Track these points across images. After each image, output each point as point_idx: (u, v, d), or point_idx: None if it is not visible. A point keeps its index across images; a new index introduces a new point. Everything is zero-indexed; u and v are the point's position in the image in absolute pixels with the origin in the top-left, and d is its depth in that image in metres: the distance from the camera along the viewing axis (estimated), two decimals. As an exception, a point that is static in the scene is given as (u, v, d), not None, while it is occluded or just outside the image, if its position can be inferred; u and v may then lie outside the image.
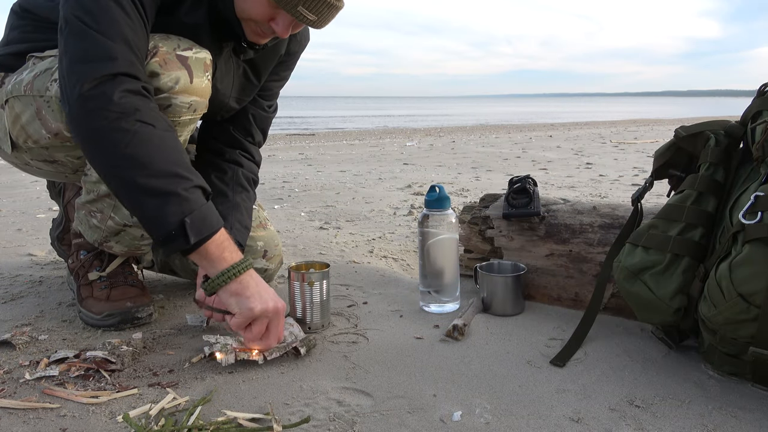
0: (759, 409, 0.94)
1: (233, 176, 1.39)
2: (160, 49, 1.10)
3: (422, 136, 10.19)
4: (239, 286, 1.05)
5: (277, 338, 1.10)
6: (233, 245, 1.08)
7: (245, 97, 1.38)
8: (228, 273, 1.04)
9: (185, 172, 1.03)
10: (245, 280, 1.05)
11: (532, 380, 1.05)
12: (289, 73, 1.48)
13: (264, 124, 1.48)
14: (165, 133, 1.03)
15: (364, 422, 0.91)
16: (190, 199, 1.01)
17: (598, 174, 4.25)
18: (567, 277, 1.41)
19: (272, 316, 1.07)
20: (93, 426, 0.90)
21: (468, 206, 1.64)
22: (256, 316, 1.05)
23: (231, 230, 1.28)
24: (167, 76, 1.09)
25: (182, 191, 1.01)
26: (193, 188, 1.03)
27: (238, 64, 1.31)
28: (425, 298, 1.40)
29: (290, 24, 1.13)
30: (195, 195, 1.03)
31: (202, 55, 1.15)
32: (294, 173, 4.30)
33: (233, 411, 0.93)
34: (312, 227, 2.37)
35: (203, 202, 1.04)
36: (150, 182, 1.00)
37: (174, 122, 1.13)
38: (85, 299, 1.30)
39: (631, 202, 1.30)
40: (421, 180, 3.89)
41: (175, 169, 1.02)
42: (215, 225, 1.04)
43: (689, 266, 1.05)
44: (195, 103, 1.15)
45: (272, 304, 1.06)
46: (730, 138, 1.15)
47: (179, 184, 1.01)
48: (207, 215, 1.03)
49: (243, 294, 1.04)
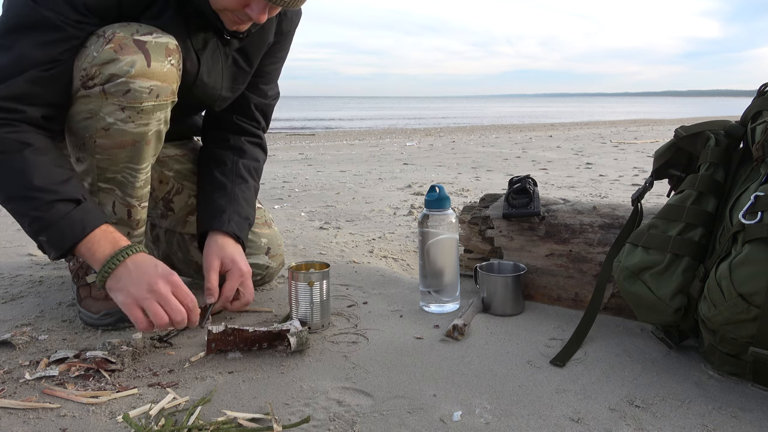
0: (759, 409, 0.94)
1: (233, 167, 1.41)
2: (117, 35, 1.10)
3: (422, 136, 10.19)
4: (113, 281, 1.08)
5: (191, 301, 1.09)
6: (107, 243, 1.09)
7: (239, 85, 1.39)
8: (100, 275, 1.08)
9: (34, 192, 1.06)
10: (118, 273, 1.07)
11: (532, 380, 1.05)
12: (285, 54, 1.48)
13: (267, 110, 1.50)
14: (12, 156, 1.06)
15: (364, 422, 0.91)
16: (43, 218, 1.06)
17: (598, 174, 4.26)
18: (567, 277, 1.41)
19: (159, 297, 1.06)
20: (93, 426, 0.90)
21: (468, 206, 1.64)
22: (134, 305, 1.06)
23: (228, 223, 1.32)
24: (122, 60, 1.09)
25: (31, 212, 1.07)
26: (48, 204, 1.06)
27: (227, 55, 1.31)
28: (425, 298, 1.40)
29: (265, 8, 1.13)
30: (50, 212, 1.06)
31: (163, 40, 1.13)
32: (294, 173, 4.30)
33: (233, 411, 0.93)
34: (312, 227, 2.37)
35: (61, 215, 1.07)
36: (7, 207, 1.10)
37: (136, 109, 1.13)
38: (84, 299, 1.30)
39: (631, 202, 1.30)
40: (421, 180, 3.89)
41: (21, 193, 1.07)
42: (78, 234, 1.07)
43: (689, 266, 1.05)
44: (156, 88, 1.13)
45: (145, 287, 1.06)
46: (730, 138, 1.15)
47: (27, 205, 1.07)
48: (66, 228, 1.07)
49: (115, 288, 1.08)
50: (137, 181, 1.24)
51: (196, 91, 1.27)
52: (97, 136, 1.15)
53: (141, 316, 1.06)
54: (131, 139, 1.17)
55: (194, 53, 1.23)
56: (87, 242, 1.08)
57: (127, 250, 1.09)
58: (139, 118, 1.14)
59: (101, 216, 1.12)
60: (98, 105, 1.12)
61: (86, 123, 1.15)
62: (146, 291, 1.06)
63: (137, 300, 1.06)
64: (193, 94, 1.26)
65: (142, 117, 1.14)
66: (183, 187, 1.47)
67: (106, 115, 1.13)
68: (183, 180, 1.47)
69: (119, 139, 1.16)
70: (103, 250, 1.08)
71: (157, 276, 1.07)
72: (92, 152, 1.18)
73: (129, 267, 1.08)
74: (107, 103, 1.12)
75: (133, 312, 1.06)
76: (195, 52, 1.23)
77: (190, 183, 1.47)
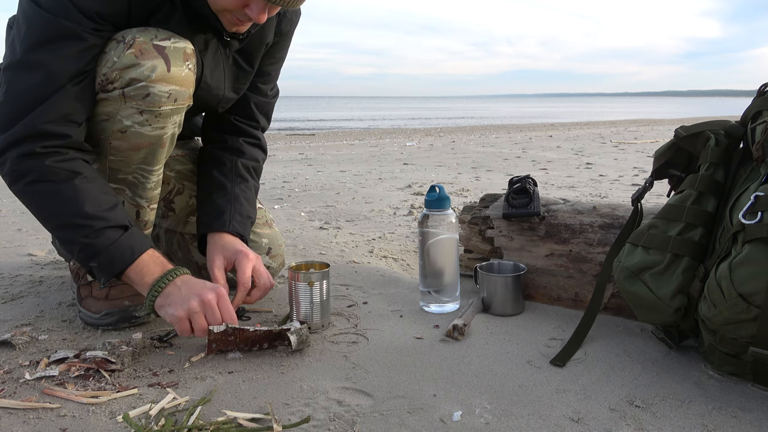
0: (759, 409, 0.94)
1: (232, 167, 1.41)
2: (137, 40, 1.10)
3: (422, 136, 10.19)
4: (163, 299, 1.12)
5: (230, 317, 1.13)
6: (156, 266, 1.13)
7: (241, 86, 1.39)
8: (150, 295, 1.12)
9: (85, 220, 1.10)
10: (168, 291, 1.12)
11: (532, 380, 1.05)
12: (285, 53, 1.48)
13: (267, 109, 1.50)
14: (63, 185, 1.09)
15: (364, 422, 0.91)
16: (94, 245, 1.10)
17: (598, 174, 4.25)
18: (567, 277, 1.41)
19: (206, 308, 1.10)
20: (93, 426, 0.90)
21: (468, 206, 1.64)
22: (184, 317, 1.09)
23: (230, 223, 1.32)
24: (144, 65, 1.10)
25: (82, 239, 1.10)
26: (98, 231, 1.10)
27: (228, 56, 1.31)
28: (425, 298, 1.40)
29: (265, 8, 1.13)
30: (99, 239, 1.10)
31: (181, 45, 1.15)
32: (294, 173, 4.30)
33: (233, 411, 0.93)
34: (312, 227, 2.37)
35: (111, 242, 1.11)
36: (57, 234, 1.15)
37: (155, 113, 1.14)
38: (84, 299, 1.30)
39: (631, 202, 1.30)
40: (421, 180, 3.89)
41: (72, 220, 1.10)
42: (127, 260, 1.12)
43: (689, 266, 1.05)
44: (175, 93, 1.15)
45: (196, 300, 1.10)
46: (730, 138, 1.15)
47: (78, 233, 1.10)
48: (116, 254, 1.11)
49: (165, 304, 1.11)
50: (149, 183, 1.25)
51: (200, 92, 1.27)
52: (113, 137, 1.17)
53: (188, 328, 1.11)
54: (147, 142, 1.18)
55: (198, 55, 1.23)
56: (135, 267, 1.13)
57: (175, 271, 1.14)
58: (157, 121, 1.16)
59: (147, 241, 1.16)
60: (116, 108, 1.13)
61: (103, 125, 1.16)
62: (197, 303, 1.10)
63: (189, 312, 1.10)
64: (197, 96, 1.27)
65: (160, 120, 1.16)
66: (184, 187, 1.47)
67: (124, 117, 1.14)
68: (184, 180, 1.47)
69: (135, 142, 1.17)
70: (152, 273, 1.13)
71: (206, 288, 1.12)
72: (106, 153, 1.19)
73: (178, 285, 1.12)
74: (126, 106, 1.13)
75: (183, 324, 1.10)
76: (198, 54, 1.23)
77: (190, 183, 1.48)
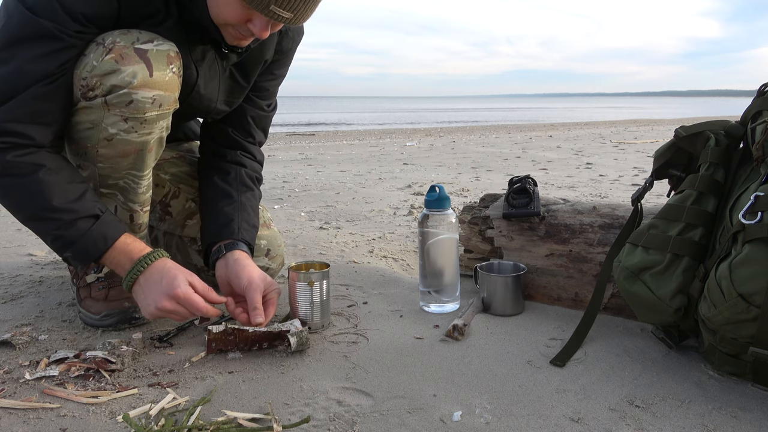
0: (759, 409, 0.94)
1: (236, 176, 1.40)
2: (117, 44, 1.08)
3: (422, 136, 10.18)
4: (135, 296, 1.14)
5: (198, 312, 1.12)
6: (126, 256, 1.13)
7: (235, 100, 1.38)
8: (125, 284, 1.13)
9: (54, 213, 1.10)
10: (134, 290, 1.13)
11: (532, 380, 1.05)
12: (285, 71, 1.47)
13: (264, 123, 1.48)
14: (27, 179, 1.08)
15: (364, 422, 0.91)
16: (65, 236, 1.11)
17: (598, 174, 4.26)
18: (567, 277, 1.41)
19: (167, 313, 1.11)
20: (93, 426, 0.90)
21: (468, 206, 1.64)
22: (158, 316, 1.11)
23: (239, 231, 1.30)
24: (124, 71, 1.07)
25: (54, 231, 1.11)
26: (68, 224, 1.10)
27: (224, 69, 1.30)
28: (425, 298, 1.40)
29: (267, 24, 1.11)
30: (70, 231, 1.10)
31: (164, 47, 1.12)
32: (294, 173, 4.30)
33: (233, 411, 0.93)
34: (312, 227, 2.37)
35: (82, 233, 1.11)
36: (28, 226, 1.15)
37: (139, 120, 1.13)
38: (84, 299, 1.30)
39: (631, 202, 1.30)
40: (421, 180, 3.89)
41: (40, 214, 1.11)
42: (101, 248, 1.12)
43: (689, 266, 1.05)
44: (159, 98, 1.12)
45: (153, 307, 1.10)
46: (730, 138, 1.15)
47: (48, 226, 1.11)
48: (90, 243, 1.11)
49: (139, 303, 1.14)
50: (139, 187, 1.24)
51: (192, 101, 1.27)
52: (99, 146, 1.15)
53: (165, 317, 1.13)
54: (134, 148, 1.17)
55: (193, 64, 1.23)
56: (109, 255, 1.13)
57: (141, 264, 1.12)
58: (142, 127, 1.14)
59: (120, 227, 1.16)
60: (100, 116, 1.12)
61: (88, 133, 1.15)
62: (155, 309, 1.10)
63: (152, 316, 1.12)
64: (188, 104, 1.26)
65: (145, 126, 1.14)
66: (180, 190, 1.47)
67: (109, 125, 1.12)
68: (179, 183, 1.47)
69: (122, 149, 1.16)
70: (123, 264, 1.14)
71: (161, 294, 1.09)
72: (94, 161, 1.18)
73: (141, 283, 1.12)
74: (110, 114, 1.11)
75: (157, 318, 1.14)
76: (194, 64, 1.23)
77: (186, 186, 1.47)
